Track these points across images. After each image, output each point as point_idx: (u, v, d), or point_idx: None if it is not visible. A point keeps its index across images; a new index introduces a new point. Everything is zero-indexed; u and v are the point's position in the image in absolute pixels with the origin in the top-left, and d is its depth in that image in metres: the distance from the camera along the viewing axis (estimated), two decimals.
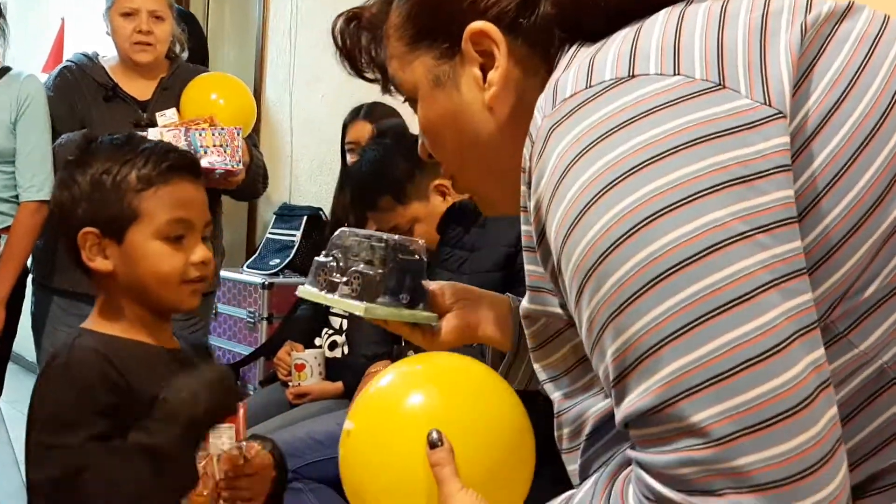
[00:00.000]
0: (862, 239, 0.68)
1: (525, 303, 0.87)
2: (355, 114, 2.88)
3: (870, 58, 0.72)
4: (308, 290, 1.17)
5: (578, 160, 0.68)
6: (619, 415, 0.69)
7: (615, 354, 0.68)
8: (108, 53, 2.69)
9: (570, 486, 0.99)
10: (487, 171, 0.91)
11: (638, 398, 0.66)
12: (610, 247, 0.66)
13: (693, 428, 0.63)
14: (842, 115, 0.69)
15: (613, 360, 0.68)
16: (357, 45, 1.01)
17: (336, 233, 1.18)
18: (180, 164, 1.26)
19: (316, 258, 1.18)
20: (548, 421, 1.06)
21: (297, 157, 3.92)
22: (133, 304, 1.25)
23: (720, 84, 0.67)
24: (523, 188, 0.78)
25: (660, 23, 0.74)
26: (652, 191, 0.65)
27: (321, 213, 3.65)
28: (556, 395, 0.89)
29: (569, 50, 0.81)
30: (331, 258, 1.16)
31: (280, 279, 3.53)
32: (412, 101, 0.93)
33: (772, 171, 0.65)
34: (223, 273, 3.47)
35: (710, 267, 0.64)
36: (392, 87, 0.98)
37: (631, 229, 0.65)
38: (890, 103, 0.71)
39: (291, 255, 3.61)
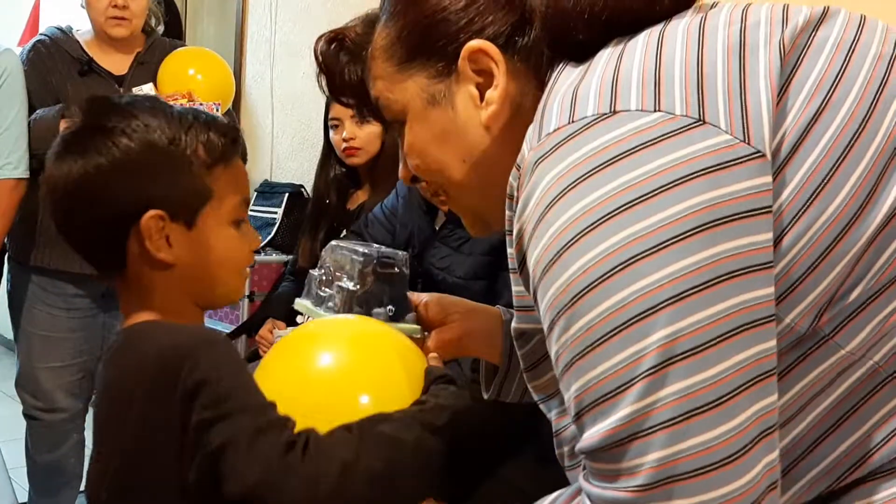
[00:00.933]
0: (845, 249, 0.69)
1: (515, 322, 0.89)
2: None
3: (847, 65, 0.72)
4: (301, 303, 1.21)
5: (560, 198, 0.69)
6: (578, 446, 0.72)
7: (577, 393, 0.70)
8: (83, 27, 2.64)
9: (554, 464, 0.99)
10: (481, 190, 0.90)
11: (590, 436, 0.69)
12: (584, 289, 0.67)
13: (632, 470, 0.67)
14: (819, 130, 0.69)
15: (575, 398, 0.70)
16: (336, 66, 0.99)
17: (328, 246, 1.19)
18: (237, 137, 1.07)
19: (310, 271, 1.20)
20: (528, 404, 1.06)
21: (278, 133, 3.88)
22: (184, 299, 1.04)
23: (700, 120, 0.67)
24: (508, 213, 0.79)
25: (640, 47, 0.74)
26: (630, 235, 0.66)
27: (303, 189, 3.62)
28: (551, 415, 0.91)
29: (557, 67, 0.81)
30: (322, 271, 1.18)
31: (261, 256, 3.50)
32: (397, 122, 0.92)
33: (752, 213, 0.66)
34: None
35: (680, 313, 0.65)
36: (365, 111, 0.98)
37: (606, 274, 0.66)
38: (867, 113, 0.71)
39: (273, 232, 3.58)
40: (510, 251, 0.80)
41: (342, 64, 0.98)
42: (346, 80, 0.98)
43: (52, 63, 2.55)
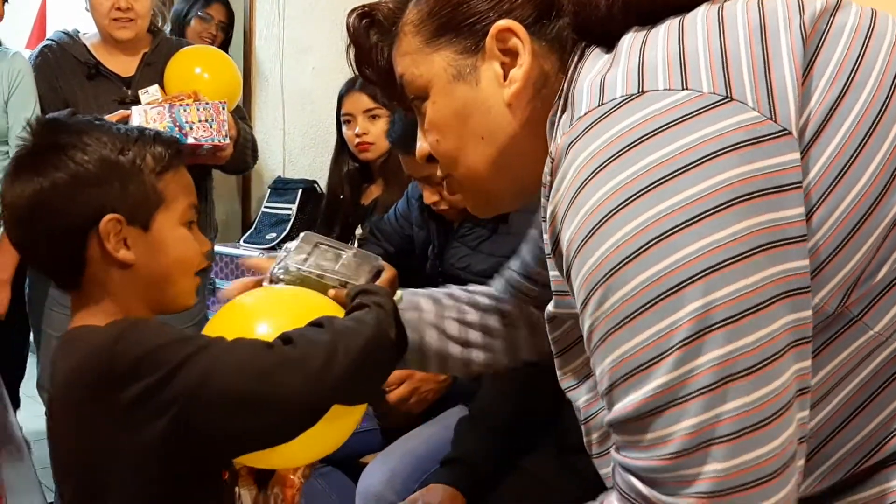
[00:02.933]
0: (871, 228, 0.71)
1: (550, 307, 0.91)
2: (351, 85, 2.82)
3: (865, 50, 0.74)
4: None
5: (593, 177, 0.71)
6: (608, 418, 0.74)
7: (611, 365, 0.72)
8: (90, 30, 2.64)
9: (575, 455, 0.97)
10: (496, 168, 0.92)
11: (622, 407, 0.72)
12: (620, 262, 0.69)
13: (665, 438, 0.70)
14: (842, 112, 0.71)
15: (609, 370, 0.72)
16: (366, 42, 1.01)
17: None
18: (180, 149, 1.13)
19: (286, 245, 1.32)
20: (552, 395, 1.04)
21: (290, 130, 3.87)
22: (139, 303, 1.08)
23: (728, 96, 0.69)
24: (543, 201, 0.81)
25: (661, 35, 0.76)
26: (664, 210, 0.68)
27: (316, 185, 3.61)
28: (579, 403, 0.93)
29: (581, 52, 0.84)
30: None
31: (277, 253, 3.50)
32: (419, 100, 0.93)
33: (784, 188, 0.68)
34: (219, 248, 3.45)
35: (715, 284, 0.67)
36: (380, 97, 1.02)
37: (641, 248, 0.68)
38: (887, 97, 0.72)
39: (287, 228, 3.57)
40: (545, 237, 0.82)
41: (371, 42, 1.00)
42: (373, 58, 1.01)
43: (60, 68, 2.55)
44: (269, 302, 1.24)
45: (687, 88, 0.70)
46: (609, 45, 0.80)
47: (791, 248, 0.68)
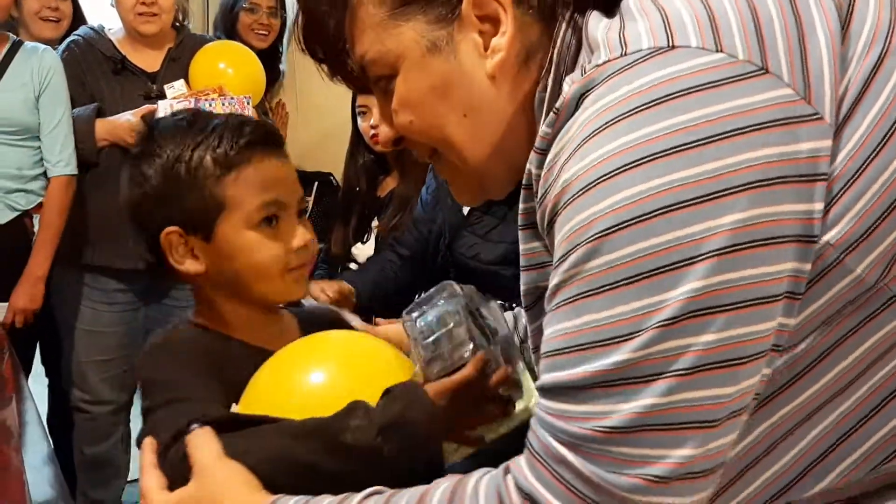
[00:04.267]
0: None
1: (522, 283, 0.85)
2: None
3: (892, 15, 0.70)
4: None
5: (608, 127, 0.65)
6: (541, 381, 0.70)
7: (571, 330, 0.67)
8: (114, 26, 2.68)
9: None
10: (483, 146, 0.83)
11: (567, 374, 0.67)
12: (618, 225, 0.64)
13: (608, 414, 0.66)
14: (882, 77, 0.67)
15: (565, 334, 0.68)
16: (318, 11, 0.88)
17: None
18: (259, 136, 1.06)
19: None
20: None
21: (303, 122, 3.90)
22: (231, 301, 1.08)
23: (763, 68, 0.64)
24: (531, 167, 0.75)
25: None
26: (680, 179, 0.63)
27: (331, 178, 3.64)
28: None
29: (570, 19, 0.77)
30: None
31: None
32: (384, 79, 0.83)
33: (812, 178, 0.64)
34: None
35: (714, 269, 0.63)
36: (340, 75, 0.90)
37: (645, 214, 0.63)
38: None
39: None
40: (527, 206, 0.77)
41: (322, 10, 0.88)
42: (326, 32, 0.88)
43: (87, 63, 2.59)
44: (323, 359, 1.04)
45: (721, 51, 0.65)
46: (607, 9, 0.74)
47: (803, 246, 0.64)
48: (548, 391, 0.70)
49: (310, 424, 0.92)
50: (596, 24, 0.73)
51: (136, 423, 2.91)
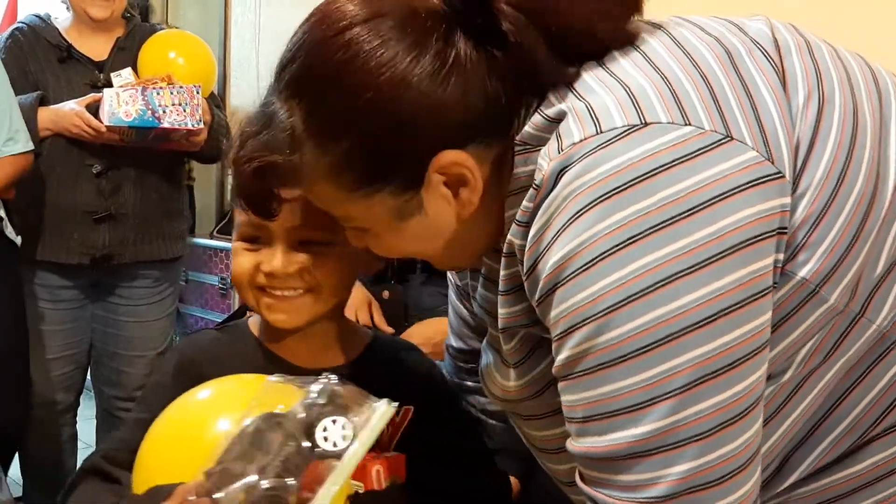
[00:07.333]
0: (864, 240, 0.73)
1: (507, 343, 0.88)
2: None
3: (816, 62, 0.76)
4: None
5: (595, 206, 0.69)
6: (579, 451, 0.74)
7: (594, 399, 0.71)
8: (61, 15, 2.60)
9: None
10: (451, 255, 0.87)
11: (600, 444, 0.71)
12: (622, 301, 0.68)
13: (653, 481, 0.70)
14: (825, 125, 0.73)
15: (588, 404, 0.72)
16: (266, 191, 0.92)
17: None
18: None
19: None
20: None
21: None
22: None
23: (728, 136, 0.70)
24: (513, 238, 0.77)
25: (630, 66, 0.75)
26: (672, 252, 0.68)
27: None
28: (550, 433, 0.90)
29: (531, 107, 0.77)
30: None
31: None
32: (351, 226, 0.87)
33: (778, 232, 0.69)
34: (193, 239, 3.40)
35: (715, 332, 0.68)
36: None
37: (647, 288, 0.68)
38: (852, 98, 0.75)
39: None
40: (509, 272, 0.80)
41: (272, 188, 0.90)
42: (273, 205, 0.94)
43: (31, 51, 2.51)
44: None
45: (689, 124, 0.70)
46: (562, 84, 0.76)
47: (768, 298, 0.70)
48: (588, 461, 0.74)
49: None
50: (557, 100, 0.76)
51: (83, 426, 2.86)
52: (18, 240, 2.37)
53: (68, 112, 2.38)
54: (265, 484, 0.81)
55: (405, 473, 0.93)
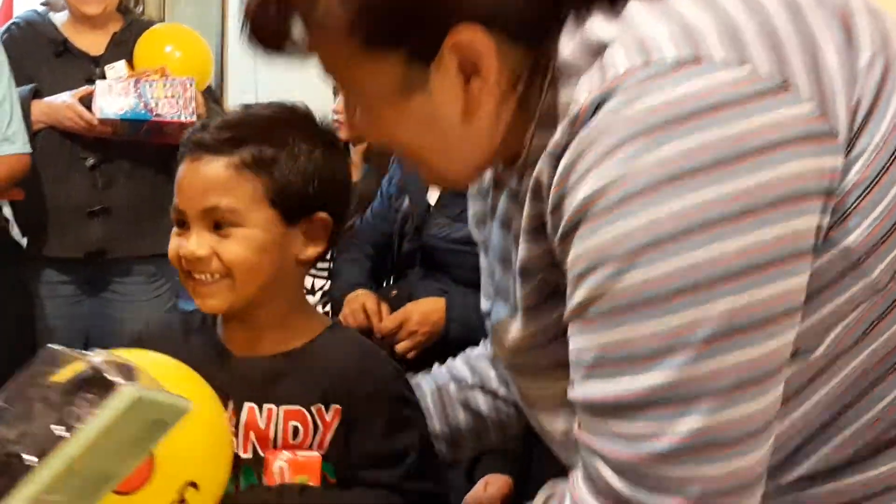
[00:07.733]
0: None
1: (522, 287, 0.83)
2: None
3: (884, 25, 0.73)
4: None
5: (637, 140, 0.65)
6: (582, 396, 0.71)
7: (607, 343, 0.69)
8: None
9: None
10: (454, 164, 0.82)
11: (609, 391, 0.69)
12: (652, 242, 0.65)
13: (657, 435, 0.67)
14: (885, 97, 0.69)
15: (601, 348, 0.69)
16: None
17: None
18: (191, 139, 1.08)
19: None
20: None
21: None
22: None
23: (785, 83, 0.66)
24: (539, 176, 0.73)
25: (682, 2, 0.70)
26: (717, 196, 0.65)
27: None
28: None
29: (572, 29, 0.73)
30: None
31: None
32: (350, 93, 0.82)
33: (819, 194, 0.66)
34: None
35: (750, 286, 0.65)
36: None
37: (681, 232, 0.65)
38: None
39: None
40: (534, 211, 0.76)
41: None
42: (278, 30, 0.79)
43: (27, 46, 2.51)
44: None
45: (745, 64, 0.66)
46: (611, 11, 0.71)
47: (807, 260, 0.67)
48: (590, 409, 0.71)
49: None
50: (602, 28, 0.71)
51: None
52: (24, 241, 2.37)
53: (61, 105, 2.39)
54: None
55: (319, 475, 0.95)
